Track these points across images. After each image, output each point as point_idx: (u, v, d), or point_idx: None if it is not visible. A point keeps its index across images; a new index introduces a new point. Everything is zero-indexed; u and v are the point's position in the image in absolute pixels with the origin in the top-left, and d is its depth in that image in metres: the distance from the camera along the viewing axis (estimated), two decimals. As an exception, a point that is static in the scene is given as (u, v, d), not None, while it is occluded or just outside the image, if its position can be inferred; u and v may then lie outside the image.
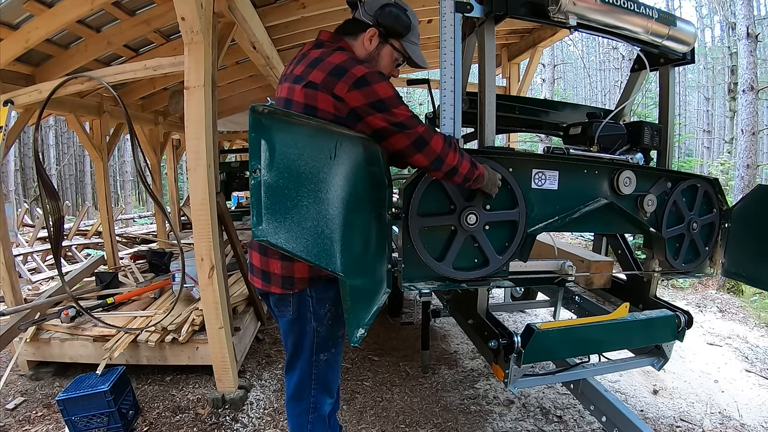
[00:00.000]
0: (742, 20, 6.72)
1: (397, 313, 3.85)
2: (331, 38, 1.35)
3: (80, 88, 2.53)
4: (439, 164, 1.27)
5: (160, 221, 6.18)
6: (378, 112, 1.19)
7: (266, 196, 0.87)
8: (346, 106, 1.18)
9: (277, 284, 1.30)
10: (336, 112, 1.18)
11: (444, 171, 1.29)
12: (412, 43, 1.41)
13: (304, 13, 3.22)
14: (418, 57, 1.43)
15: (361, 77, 1.17)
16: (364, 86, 1.17)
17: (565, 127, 2.12)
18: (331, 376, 1.42)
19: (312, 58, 1.24)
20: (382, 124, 1.20)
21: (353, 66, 1.18)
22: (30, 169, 14.45)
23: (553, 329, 1.58)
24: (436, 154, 1.26)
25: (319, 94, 1.18)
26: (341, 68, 1.18)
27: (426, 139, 1.24)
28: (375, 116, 1.19)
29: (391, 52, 1.39)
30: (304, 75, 1.21)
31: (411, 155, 1.26)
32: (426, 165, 1.28)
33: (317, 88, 1.18)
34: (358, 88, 1.16)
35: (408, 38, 1.39)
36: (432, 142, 1.24)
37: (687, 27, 1.82)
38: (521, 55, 4.79)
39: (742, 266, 1.95)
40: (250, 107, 0.86)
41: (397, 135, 1.22)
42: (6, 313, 2.61)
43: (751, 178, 6.04)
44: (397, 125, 1.21)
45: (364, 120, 1.20)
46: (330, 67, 1.18)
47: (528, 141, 10.36)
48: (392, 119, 1.20)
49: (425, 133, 1.23)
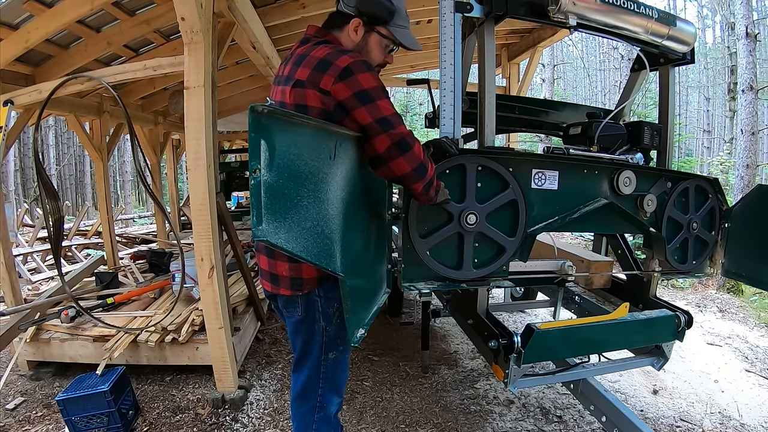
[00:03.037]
0: (742, 20, 6.73)
1: (397, 313, 3.85)
2: (318, 32, 1.33)
3: (80, 88, 2.53)
4: (423, 172, 1.21)
5: (160, 221, 6.18)
6: (362, 105, 1.14)
7: (266, 196, 0.87)
8: (332, 100, 1.15)
9: (286, 286, 1.30)
10: (323, 107, 1.15)
11: (425, 181, 1.24)
12: (399, 27, 1.35)
13: (304, 13, 3.22)
14: (408, 40, 1.37)
15: (345, 68, 1.13)
16: (349, 77, 1.13)
17: (565, 127, 2.12)
18: (339, 374, 1.42)
19: (297, 56, 1.22)
20: (367, 120, 1.15)
21: (337, 57, 1.15)
22: (30, 169, 14.42)
23: (553, 329, 1.58)
24: (420, 160, 1.20)
25: (307, 92, 1.16)
26: (325, 61, 1.15)
27: (409, 143, 1.17)
28: (360, 109, 1.15)
29: (379, 40, 1.35)
30: (291, 74, 1.20)
31: (393, 158, 1.17)
32: (408, 171, 1.19)
33: (305, 85, 1.16)
34: (343, 79, 1.13)
35: (394, 23, 1.34)
36: (415, 147, 1.19)
37: (687, 27, 1.82)
38: (521, 55, 4.79)
39: (742, 266, 1.95)
40: (250, 107, 0.86)
41: (380, 136, 1.15)
42: (6, 313, 2.61)
43: (750, 178, 6.04)
44: (381, 122, 1.15)
45: (351, 114, 1.16)
46: (315, 62, 1.16)
47: (528, 141, 10.37)
48: (376, 113, 1.15)
49: (408, 136, 1.18)
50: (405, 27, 1.38)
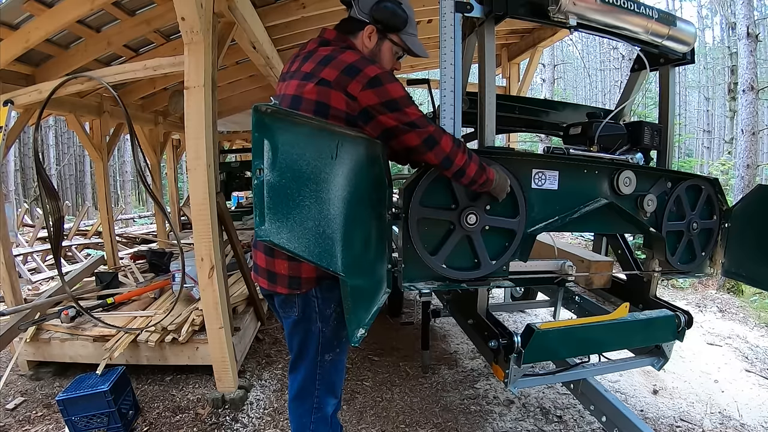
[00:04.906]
0: (742, 20, 6.72)
1: (397, 313, 3.85)
2: (337, 37, 1.36)
3: (80, 88, 2.53)
4: (449, 164, 1.32)
5: (160, 221, 6.17)
6: (390, 112, 1.22)
7: (269, 196, 0.87)
8: (358, 105, 1.20)
9: (284, 285, 1.30)
10: (348, 110, 1.21)
11: (452, 171, 1.34)
12: (410, 35, 1.42)
13: (304, 13, 3.22)
14: (418, 48, 1.44)
15: (374, 77, 1.19)
16: (378, 86, 1.19)
17: (565, 127, 2.12)
18: (335, 376, 1.42)
19: (322, 56, 1.25)
20: (393, 123, 1.23)
21: (366, 66, 1.21)
22: (30, 169, 14.44)
23: (553, 329, 1.58)
24: (446, 153, 1.30)
25: (332, 92, 1.20)
26: (354, 67, 1.20)
27: (436, 139, 1.27)
28: (387, 116, 1.22)
29: (390, 47, 1.41)
30: (316, 72, 1.22)
31: (422, 153, 1.30)
32: (437, 164, 1.32)
33: (330, 85, 1.20)
34: (371, 87, 1.19)
35: (406, 31, 1.40)
36: (442, 141, 1.28)
37: (687, 27, 1.82)
38: (521, 55, 4.79)
39: (742, 266, 1.95)
40: (253, 107, 0.86)
41: (409, 133, 1.25)
42: (6, 313, 2.61)
43: (751, 178, 6.04)
44: (409, 124, 1.24)
45: (375, 119, 1.23)
46: (343, 66, 1.20)
47: (528, 141, 10.37)
48: (404, 119, 1.23)
49: (435, 133, 1.28)
50: (414, 35, 1.44)
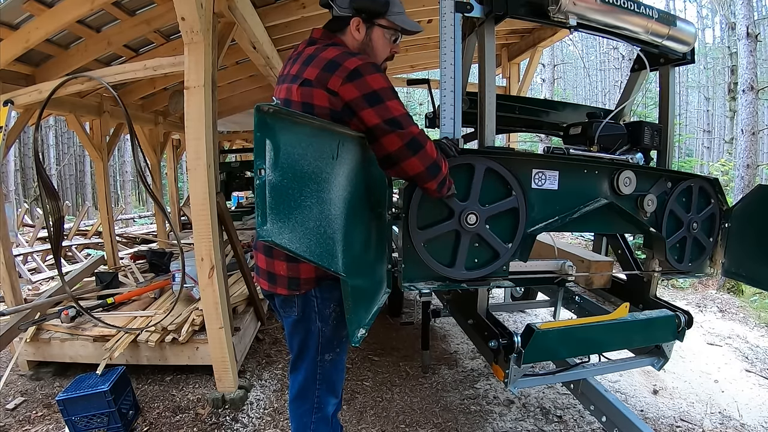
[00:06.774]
0: (742, 20, 6.72)
1: (397, 313, 3.85)
2: (324, 35, 1.34)
3: (80, 88, 2.53)
4: (436, 171, 1.23)
5: (160, 221, 6.18)
6: (371, 106, 1.15)
7: (271, 196, 0.87)
8: (340, 100, 1.16)
9: (283, 285, 1.30)
10: (331, 106, 1.16)
11: (438, 180, 1.25)
12: (398, 14, 1.36)
13: (304, 13, 3.22)
14: (409, 24, 1.38)
15: (353, 69, 1.14)
16: (357, 78, 1.14)
17: (565, 127, 2.12)
18: (335, 376, 1.42)
19: (306, 56, 1.23)
20: (375, 121, 1.15)
21: (346, 59, 1.16)
22: (30, 169, 14.44)
23: (553, 329, 1.58)
24: (433, 159, 1.21)
25: (314, 91, 1.17)
26: (334, 62, 1.16)
27: (421, 142, 1.18)
28: (368, 110, 1.15)
29: (382, 33, 1.36)
30: (300, 73, 1.20)
31: (405, 158, 1.18)
32: (422, 170, 1.21)
33: (312, 84, 1.17)
34: (351, 80, 1.14)
35: (391, 11, 1.34)
36: (427, 146, 1.20)
37: (687, 27, 1.82)
38: (521, 55, 4.79)
39: (742, 266, 1.95)
40: (256, 107, 0.85)
41: (390, 135, 1.16)
42: (6, 313, 2.61)
43: (751, 178, 6.04)
44: (390, 122, 1.15)
45: (358, 115, 1.17)
46: (323, 63, 1.17)
47: (528, 141, 10.36)
48: (385, 114, 1.15)
49: (419, 136, 1.18)
50: (402, 13, 1.38)
